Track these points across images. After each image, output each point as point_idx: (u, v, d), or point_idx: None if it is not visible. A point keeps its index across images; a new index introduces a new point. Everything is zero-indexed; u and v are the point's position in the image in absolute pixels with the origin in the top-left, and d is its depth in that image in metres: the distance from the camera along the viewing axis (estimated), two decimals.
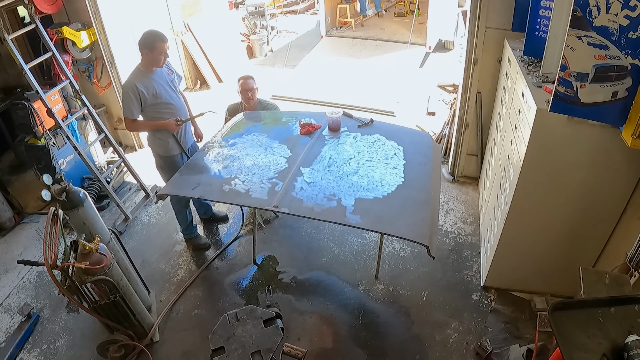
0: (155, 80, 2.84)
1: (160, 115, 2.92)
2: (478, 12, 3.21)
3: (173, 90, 2.98)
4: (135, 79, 2.77)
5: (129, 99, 2.77)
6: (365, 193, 2.48)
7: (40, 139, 3.69)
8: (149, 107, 2.86)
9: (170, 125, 2.92)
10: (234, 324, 2.12)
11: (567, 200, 2.43)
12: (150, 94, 2.80)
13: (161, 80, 2.88)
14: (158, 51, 2.73)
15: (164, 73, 2.91)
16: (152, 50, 2.72)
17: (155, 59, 2.77)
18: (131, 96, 2.75)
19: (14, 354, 2.76)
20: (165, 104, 2.91)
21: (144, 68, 2.81)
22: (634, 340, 1.42)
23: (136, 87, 2.74)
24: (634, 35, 1.63)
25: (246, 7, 7.98)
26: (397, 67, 6.76)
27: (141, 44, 2.74)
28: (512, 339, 2.66)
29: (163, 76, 2.91)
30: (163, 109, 2.91)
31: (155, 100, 2.84)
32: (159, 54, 2.75)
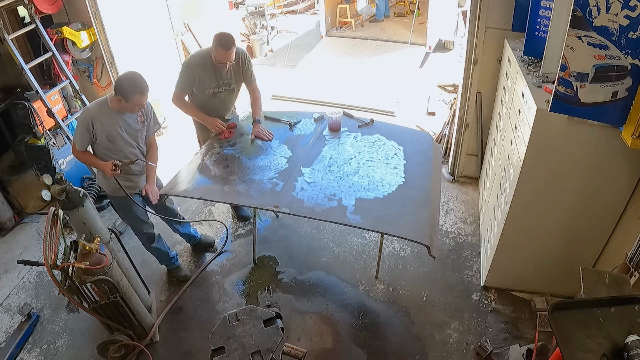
0: (118, 124, 2.51)
1: (108, 153, 2.57)
2: (478, 12, 3.21)
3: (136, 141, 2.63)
4: (96, 114, 2.46)
5: (81, 129, 2.47)
6: (365, 193, 2.49)
7: (40, 139, 3.70)
8: (98, 145, 2.54)
9: (106, 169, 2.51)
10: (234, 324, 2.12)
11: (567, 200, 2.43)
12: (104, 135, 2.49)
13: (126, 125, 2.56)
14: (133, 103, 2.42)
15: (133, 119, 2.58)
16: (127, 99, 2.39)
17: (128, 108, 2.46)
18: (84, 128, 2.45)
19: (14, 354, 2.76)
20: (117, 151, 2.57)
21: (113, 105, 2.48)
22: (634, 340, 1.42)
23: (92, 122, 2.44)
24: (634, 35, 1.63)
25: (246, 7, 7.98)
26: (397, 67, 6.76)
27: (117, 87, 2.39)
28: (512, 339, 2.66)
29: (131, 122, 2.57)
30: (113, 153, 2.57)
31: (106, 142, 2.52)
32: (134, 105, 2.44)
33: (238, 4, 8.11)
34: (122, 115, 2.53)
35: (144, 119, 2.66)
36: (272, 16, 8.86)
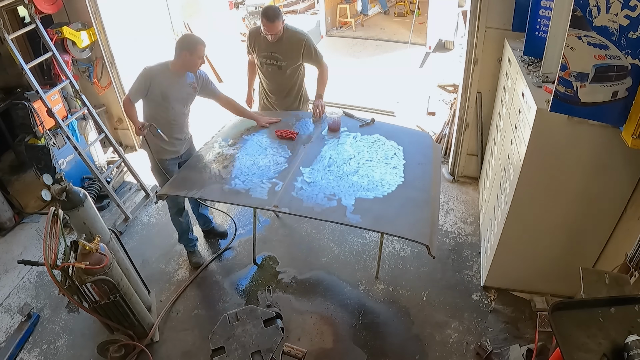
0: (174, 86, 2.72)
1: (155, 113, 2.76)
2: (478, 12, 3.21)
3: (185, 104, 2.85)
4: (157, 73, 2.67)
5: (138, 82, 2.68)
6: (365, 193, 2.48)
7: (40, 139, 3.69)
8: (151, 102, 2.73)
9: (136, 127, 2.72)
10: (234, 324, 2.12)
11: (567, 200, 2.43)
12: (159, 93, 2.69)
13: (179, 88, 2.76)
14: (197, 55, 2.67)
15: (186, 83, 2.78)
16: (191, 52, 2.64)
17: (193, 62, 2.68)
18: (141, 82, 2.66)
19: (14, 353, 2.76)
20: (165, 110, 2.76)
21: (173, 68, 2.71)
22: (634, 340, 1.42)
23: (151, 79, 2.65)
24: (634, 35, 1.63)
25: (246, 7, 7.98)
26: (397, 67, 6.76)
27: (181, 44, 2.66)
28: (512, 339, 2.66)
29: (183, 86, 2.78)
30: (160, 112, 2.77)
31: (158, 99, 2.73)
32: (198, 57, 2.68)
33: (238, 4, 8.12)
34: (179, 79, 2.75)
35: (196, 86, 2.86)
36: None
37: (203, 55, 2.73)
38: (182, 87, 2.78)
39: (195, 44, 2.66)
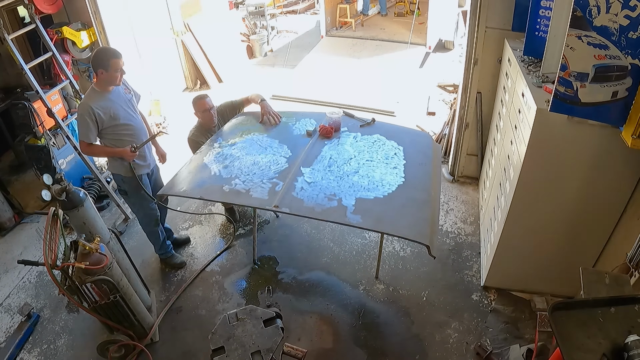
0: (112, 100, 2.68)
1: (119, 137, 2.75)
2: (478, 12, 3.21)
3: (132, 110, 2.82)
4: (91, 101, 2.60)
5: (84, 122, 2.59)
6: (365, 193, 2.48)
7: (40, 139, 3.70)
8: (106, 130, 2.68)
9: (126, 154, 2.73)
10: (234, 324, 2.12)
11: (567, 200, 2.43)
12: (108, 115, 2.63)
13: (119, 100, 2.72)
14: (113, 68, 2.56)
15: (120, 92, 2.75)
16: (106, 68, 2.55)
17: (111, 77, 2.59)
18: (87, 119, 2.58)
19: (14, 353, 2.76)
20: (124, 126, 2.74)
21: (99, 88, 2.64)
22: (634, 340, 1.42)
23: (92, 109, 2.57)
24: (634, 35, 1.63)
25: (246, 7, 7.97)
26: (397, 67, 6.76)
27: (94, 63, 2.57)
28: (512, 339, 2.66)
29: (120, 95, 2.74)
30: (122, 131, 2.74)
31: (113, 122, 2.67)
32: (115, 71, 2.58)
33: (238, 4, 8.11)
34: (111, 94, 2.69)
35: (129, 90, 2.84)
36: (272, 16, 8.86)
37: (120, 67, 2.62)
38: (119, 97, 2.73)
39: (107, 59, 2.56)
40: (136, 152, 2.75)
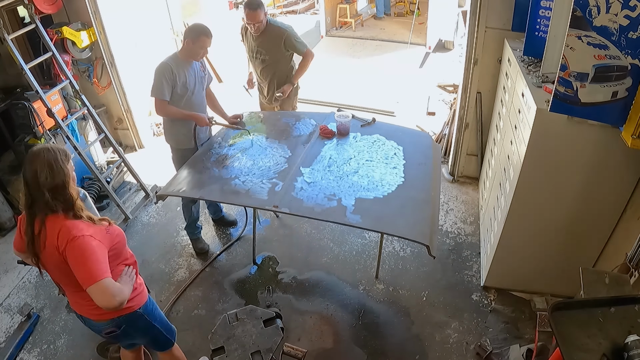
0: (189, 71, 2.82)
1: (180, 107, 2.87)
2: (478, 12, 3.21)
3: (200, 87, 2.96)
4: (171, 62, 2.75)
5: (161, 78, 2.71)
6: (365, 193, 2.49)
7: (40, 139, 3.69)
8: (172, 96, 2.80)
9: (202, 120, 2.89)
10: (234, 324, 2.12)
11: (567, 200, 2.43)
12: (181, 82, 2.78)
13: (194, 73, 2.87)
14: (199, 45, 2.73)
15: (197, 68, 2.90)
16: (194, 41, 2.71)
17: (194, 51, 2.75)
18: (165, 76, 2.71)
19: (14, 354, 2.76)
20: (188, 97, 2.87)
21: (182, 56, 2.80)
22: (634, 340, 1.42)
23: (171, 69, 2.71)
24: (634, 35, 1.63)
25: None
26: (397, 67, 6.76)
27: (187, 32, 2.76)
28: (512, 339, 2.66)
29: (196, 71, 2.89)
30: (185, 102, 2.87)
31: (182, 89, 2.81)
32: (200, 47, 2.74)
33: (238, 4, 8.11)
34: (190, 65, 2.83)
35: (204, 69, 2.99)
36: (272, 16, 8.85)
37: (206, 46, 2.77)
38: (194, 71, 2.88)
39: (198, 34, 2.72)
40: (211, 124, 2.95)
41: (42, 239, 1.67)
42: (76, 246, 1.62)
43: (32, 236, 1.67)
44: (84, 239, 1.64)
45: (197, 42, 2.71)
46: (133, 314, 1.90)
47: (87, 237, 1.66)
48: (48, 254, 1.69)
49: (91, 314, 1.85)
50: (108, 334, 1.91)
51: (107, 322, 1.86)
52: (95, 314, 1.84)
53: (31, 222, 1.67)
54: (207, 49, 2.79)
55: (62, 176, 1.68)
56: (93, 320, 1.87)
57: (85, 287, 1.60)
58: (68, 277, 1.71)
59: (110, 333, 1.91)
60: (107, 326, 1.88)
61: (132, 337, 1.99)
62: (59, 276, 1.79)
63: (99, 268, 1.62)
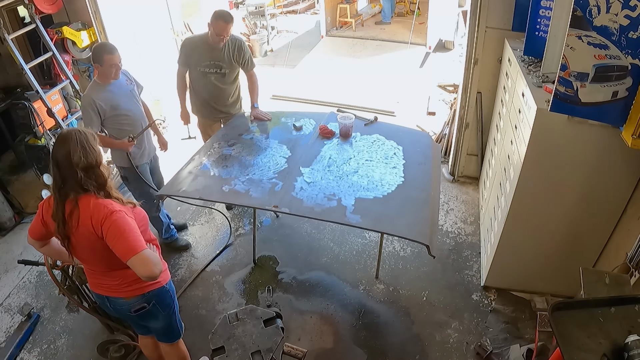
0: (113, 91, 2.77)
1: (120, 127, 2.84)
2: (478, 12, 3.21)
3: (133, 101, 2.90)
4: (93, 93, 2.71)
5: (87, 113, 2.72)
6: (365, 193, 2.48)
7: (41, 138, 3.70)
8: (108, 120, 2.79)
9: (124, 145, 2.83)
10: (234, 324, 2.12)
11: (567, 200, 2.43)
12: (109, 106, 2.74)
13: (119, 91, 2.81)
14: (107, 64, 2.65)
15: (122, 84, 2.84)
16: (101, 64, 2.65)
17: (106, 71, 2.68)
18: (89, 111, 2.69)
19: (14, 354, 2.76)
20: (125, 116, 2.83)
21: (100, 80, 2.75)
22: (634, 340, 1.42)
23: (93, 101, 2.68)
24: (634, 35, 1.63)
25: (246, 7, 7.97)
26: (397, 67, 6.76)
27: (92, 57, 2.69)
28: (512, 339, 2.66)
29: (121, 87, 2.83)
30: (122, 120, 2.83)
31: (114, 111, 2.77)
32: (109, 66, 2.66)
33: (238, 3, 8.11)
34: (111, 86, 2.77)
35: (130, 81, 2.92)
36: (272, 16, 8.85)
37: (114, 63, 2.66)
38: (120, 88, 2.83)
39: (101, 55, 2.63)
40: (134, 141, 2.84)
41: (75, 219, 1.70)
42: (114, 221, 1.67)
43: (64, 218, 1.70)
44: (120, 213, 1.70)
45: (104, 62, 2.64)
46: (162, 288, 1.98)
47: (122, 212, 1.72)
48: (81, 233, 1.72)
49: (123, 292, 1.90)
50: (137, 311, 1.96)
51: (138, 297, 1.91)
52: (128, 290, 1.89)
53: (62, 204, 1.70)
54: (118, 64, 2.70)
55: (95, 155, 1.73)
56: (123, 299, 1.92)
57: (126, 259, 1.65)
58: (100, 256, 1.77)
59: (140, 310, 1.96)
60: (137, 302, 1.93)
61: (156, 316, 2.04)
62: (91, 256, 1.82)
63: (138, 240, 1.69)
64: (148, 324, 2.13)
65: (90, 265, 1.91)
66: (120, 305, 1.95)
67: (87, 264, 1.92)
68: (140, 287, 1.90)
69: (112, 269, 1.82)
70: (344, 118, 3.03)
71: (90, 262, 1.89)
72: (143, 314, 1.99)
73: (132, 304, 1.93)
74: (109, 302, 1.97)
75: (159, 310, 2.03)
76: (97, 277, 1.92)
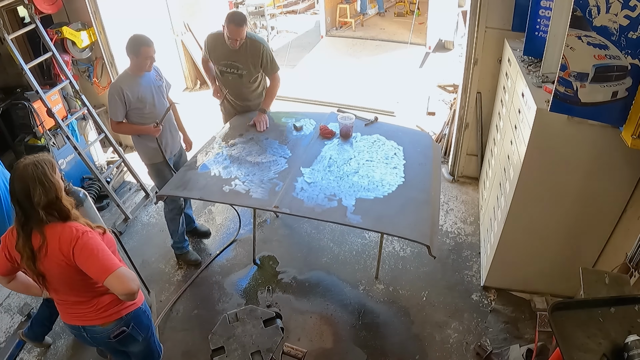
0: (142, 84, 2.80)
1: (143, 120, 2.86)
2: (478, 12, 3.21)
3: (159, 96, 2.92)
4: (122, 82, 2.75)
5: (113, 101, 2.75)
6: (365, 193, 2.49)
7: (40, 139, 3.70)
8: (133, 111, 2.82)
9: (150, 130, 2.86)
10: (234, 324, 2.12)
11: (567, 200, 2.43)
12: (135, 97, 2.77)
13: (148, 85, 2.84)
14: (143, 56, 2.69)
15: (151, 78, 2.87)
16: (137, 55, 2.68)
17: (140, 63, 2.72)
18: (116, 99, 2.73)
19: (14, 354, 2.76)
20: (150, 109, 2.85)
21: (132, 72, 2.79)
22: (634, 340, 1.42)
23: (122, 89, 2.71)
24: (634, 35, 1.63)
25: (246, 7, 7.98)
26: (397, 67, 6.76)
27: (127, 49, 2.70)
28: (512, 339, 2.66)
29: (150, 81, 2.86)
30: (147, 114, 2.85)
31: (140, 104, 2.80)
32: (145, 58, 2.70)
33: (238, 4, 8.11)
34: (141, 79, 2.81)
35: (160, 77, 2.95)
36: (272, 16, 8.86)
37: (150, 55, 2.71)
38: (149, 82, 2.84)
39: (138, 47, 2.67)
40: (159, 126, 2.86)
41: (44, 250, 1.64)
42: (85, 243, 1.63)
43: (32, 252, 1.65)
44: (89, 234, 1.67)
45: (140, 54, 2.67)
46: (138, 309, 1.93)
47: (91, 232, 1.69)
48: (51, 262, 1.66)
49: (100, 319, 1.83)
50: (117, 336, 1.89)
51: (116, 322, 1.86)
52: (105, 316, 1.83)
53: (28, 239, 1.65)
54: (153, 56, 2.74)
55: (54, 191, 1.66)
56: (100, 326, 1.85)
57: (102, 279, 1.61)
58: (72, 283, 1.72)
59: (119, 335, 1.89)
60: (116, 327, 1.87)
61: (136, 339, 1.97)
62: (63, 285, 1.76)
63: (111, 258, 1.65)
64: (128, 349, 2.04)
65: (62, 296, 1.82)
66: (98, 333, 1.88)
67: (59, 295, 1.82)
68: (117, 311, 1.84)
69: (85, 297, 1.76)
70: (344, 118, 3.02)
71: (63, 292, 1.80)
72: (123, 338, 1.91)
73: (110, 329, 1.86)
74: (86, 332, 1.88)
75: (139, 332, 1.96)
76: (70, 307, 1.84)
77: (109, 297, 1.80)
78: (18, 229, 1.67)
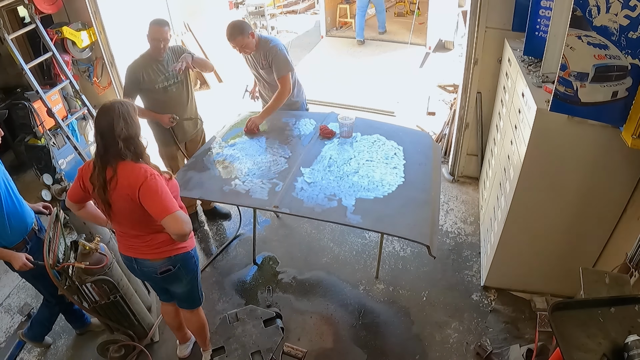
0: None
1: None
2: (478, 12, 3.21)
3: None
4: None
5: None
6: (365, 193, 2.49)
7: (40, 139, 3.70)
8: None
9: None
10: (234, 324, 2.13)
11: (567, 200, 2.43)
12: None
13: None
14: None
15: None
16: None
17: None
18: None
19: (14, 354, 2.76)
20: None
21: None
22: (634, 340, 1.42)
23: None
24: (634, 35, 1.63)
25: (246, 7, 7.97)
26: (397, 67, 6.76)
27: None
28: (512, 339, 2.66)
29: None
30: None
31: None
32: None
33: (238, 4, 8.11)
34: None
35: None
36: (272, 16, 8.85)
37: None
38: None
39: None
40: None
41: (114, 183, 1.81)
42: (151, 184, 1.79)
43: (104, 182, 1.82)
44: (156, 177, 1.83)
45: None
46: (187, 253, 2.08)
47: (158, 175, 1.85)
48: (118, 196, 1.83)
49: (151, 254, 2.00)
50: (163, 273, 2.05)
51: (165, 259, 2.02)
52: (156, 252, 2.00)
53: (103, 170, 1.82)
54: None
55: (135, 128, 1.84)
56: (150, 260, 2.02)
57: (160, 218, 1.79)
58: (135, 218, 1.90)
59: (165, 272, 2.04)
60: (164, 264, 2.03)
61: (180, 280, 2.13)
62: (126, 218, 1.93)
63: (172, 201, 1.83)
64: (171, 288, 2.21)
65: (124, 228, 2.01)
66: (148, 267, 2.05)
67: (121, 227, 2.02)
68: (168, 250, 2.00)
69: (143, 232, 1.95)
70: (344, 118, 3.02)
71: (124, 225, 1.99)
72: (168, 276, 2.07)
73: (159, 265, 2.02)
74: (137, 264, 2.06)
75: (184, 274, 2.11)
76: (128, 239, 2.02)
77: (163, 236, 1.96)
78: (96, 160, 1.85)
